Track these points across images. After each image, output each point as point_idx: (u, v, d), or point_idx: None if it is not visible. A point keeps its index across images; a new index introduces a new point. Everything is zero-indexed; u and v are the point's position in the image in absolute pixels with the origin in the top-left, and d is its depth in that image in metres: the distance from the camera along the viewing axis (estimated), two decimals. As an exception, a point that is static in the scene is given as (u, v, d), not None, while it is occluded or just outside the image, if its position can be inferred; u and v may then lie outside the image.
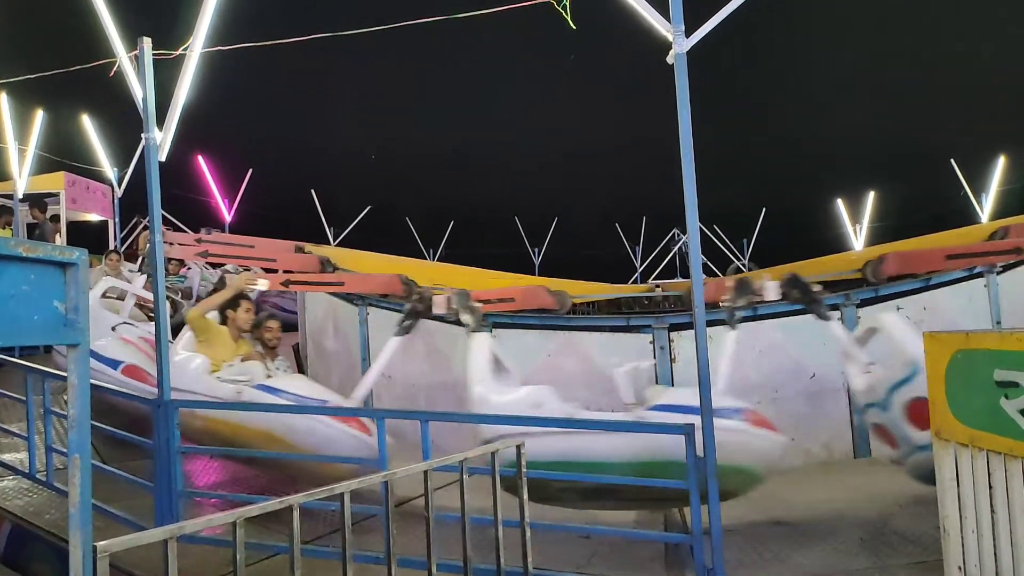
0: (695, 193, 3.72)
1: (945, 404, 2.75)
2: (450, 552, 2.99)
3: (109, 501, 4.69)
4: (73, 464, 2.03)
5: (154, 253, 4.66)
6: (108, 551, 1.79)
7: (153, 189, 4.63)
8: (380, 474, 2.80)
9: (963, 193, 21.96)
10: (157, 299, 4.66)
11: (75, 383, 2.05)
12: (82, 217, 15.29)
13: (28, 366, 5.60)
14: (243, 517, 2.13)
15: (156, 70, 4.71)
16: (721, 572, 3.46)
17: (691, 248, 3.79)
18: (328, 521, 4.89)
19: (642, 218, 26.75)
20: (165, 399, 4.53)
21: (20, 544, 4.97)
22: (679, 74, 3.73)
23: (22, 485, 5.63)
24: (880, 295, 6.91)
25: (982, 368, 2.57)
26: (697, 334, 3.67)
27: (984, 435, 2.57)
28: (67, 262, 1.98)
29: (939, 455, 2.80)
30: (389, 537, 2.63)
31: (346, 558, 2.44)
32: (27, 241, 2.19)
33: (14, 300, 1.85)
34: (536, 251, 26.71)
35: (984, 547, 2.58)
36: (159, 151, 4.73)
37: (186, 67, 4.87)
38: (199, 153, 21.04)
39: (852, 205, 25.95)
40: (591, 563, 4.31)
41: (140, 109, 4.73)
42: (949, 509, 2.73)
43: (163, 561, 1.94)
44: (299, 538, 2.26)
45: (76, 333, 2.00)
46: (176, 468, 4.50)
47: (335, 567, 2.73)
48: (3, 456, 5.90)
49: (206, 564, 4.20)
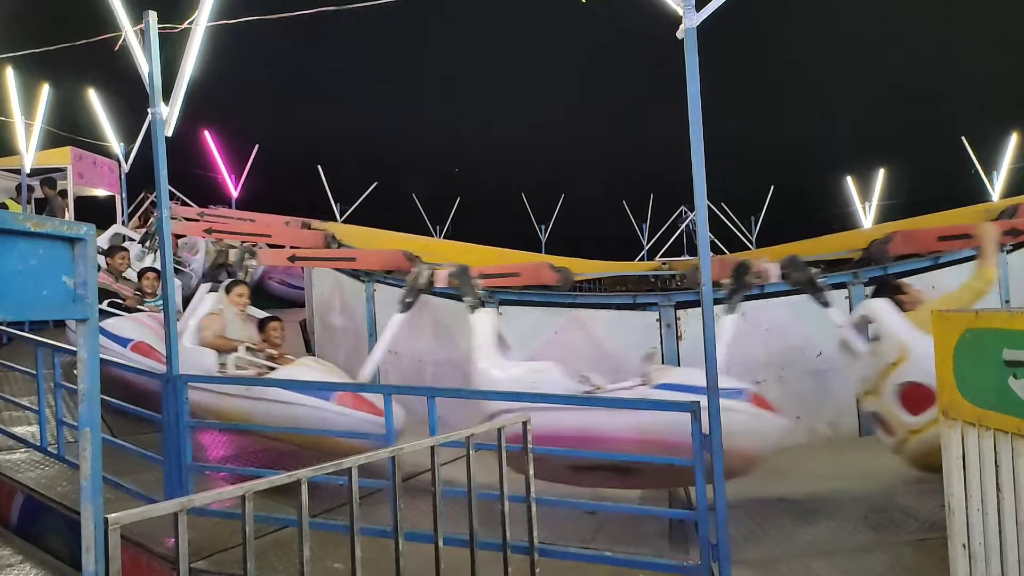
0: (704, 170, 3.68)
1: (953, 383, 2.75)
2: (456, 527, 3.02)
3: (120, 474, 4.76)
4: (84, 437, 2.05)
5: (161, 229, 4.66)
6: (119, 523, 1.81)
7: (160, 164, 4.61)
8: (387, 449, 2.82)
9: (974, 171, 21.74)
10: (165, 275, 4.67)
11: (85, 358, 2.06)
12: (89, 192, 15.30)
13: (38, 340, 5.65)
14: (252, 490, 2.16)
15: (162, 44, 4.68)
16: (725, 548, 3.48)
17: (699, 226, 3.76)
18: (336, 495, 4.94)
19: (649, 195, 26.60)
20: (174, 373, 4.56)
21: (33, 515, 5.04)
22: (688, 49, 3.68)
23: (34, 457, 5.70)
24: (889, 274, 6.88)
25: (991, 347, 2.56)
26: (704, 312, 3.66)
27: (992, 415, 2.56)
28: (75, 237, 1.98)
29: (946, 434, 2.80)
30: (396, 511, 2.65)
31: (354, 531, 2.47)
32: (35, 216, 2.20)
33: (23, 275, 1.86)
34: (542, 228, 26.63)
35: (989, 525, 2.59)
36: (165, 126, 4.71)
37: (192, 41, 4.84)
38: (205, 128, 20.97)
39: (862, 183, 25.72)
40: (596, 538, 4.35)
41: (146, 84, 4.70)
42: (955, 488, 2.74)
43: (174, 533, 1.97)
44: (307, 511, 2.28)
45: (85, 308, 2.01)
46: (185, 442, 4.55)
47: (343, 540, 2.76)
48: (15, 429, 5.97)
49: (216, 536, 4.26)
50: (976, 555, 2.64)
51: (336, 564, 3.84)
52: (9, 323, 6.48)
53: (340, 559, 3.85)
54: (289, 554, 3.99)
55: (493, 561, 3.06)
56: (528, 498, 3.21)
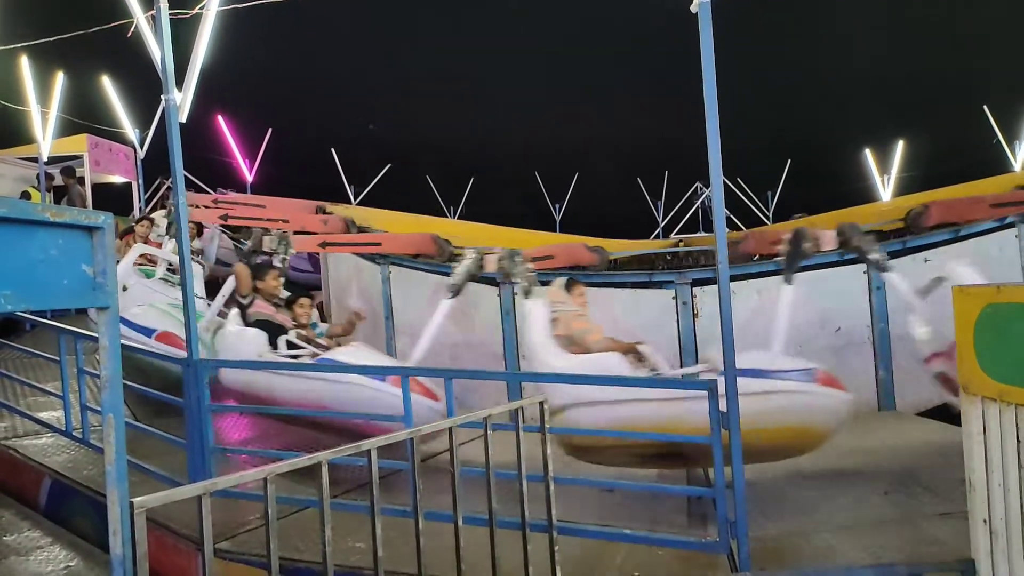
0: (719, 145, 3.64)
1: (974, 358, 2.72)
2: (475, 506, 3.05)
3: (147, 457, 4.83)
4: (107, 423, 2.08)
5: (178, 214, 4.69)
6: (145, 506, 1.84)
7: (174, 150, 4.63)
8: (406, 431, 2.85)
9: (995, 141, 21.34)
10: (183, 260, 4.70)
11: (106, 345, 2.09)
12: (106, 179, 15.42)
13: (60, 327, 5.73)
14: (274, 473, 2.18)
15: (174, 30, 4.68)
16: (743, 524, 3.49)
17: (714, 202, 3.72)
18: (357, 476, 4.98)
19: (664, 172, 26.37)
20: (194, 358, 4.61)
21: (60, 498, 5.15)
22: (703, 23, 3.62)
23: (60, 442, 5.81)
24: (908, 247, 6.81)
25: (1012, 322, 2.53)
26: (721, 289, 3.64)
27: (1014, 389, 2.54)
28: (93, 226, 2.00)
29: (966, 410, 2.77)
30: (416, 491, 2.68)
31: (374, 512, 2.50)
32: (54, 206, 2.22)
33: (43, 265, 1.88)
34: (557, 207, 26.52)
35: (1011, 501, 2.58)
36: (179, 112, 4.72)
37: (203, 26, 4.83)
38: (219, 114, 21.01)
39: (880, 155, 25.32)
40: (614, 516, 4.37)
41: (159, 70, 4.71)
42: (976, 463, 2.72)
43: (198, 515, 2.00)
44: (328, 493, 2.31)
45: (105, 296, 2.03)
46: (207, 425, 4.60)
47: (364, 520, 2.80)
48: (41, 414, 6.08)
49: (240, 516, 4.33)
50: (997, 531, 2.63)
51: (358, 543, 3.90)
52: (32, 311, 6.57)
53: (361, 539, 3.90)
54: (311, 534, 4.05)
55: (512, 539, 3.09)
56: (546, 477, 3.23)
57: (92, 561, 4.36)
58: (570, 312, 5.32)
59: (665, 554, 3.84)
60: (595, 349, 5.10)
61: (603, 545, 3.88)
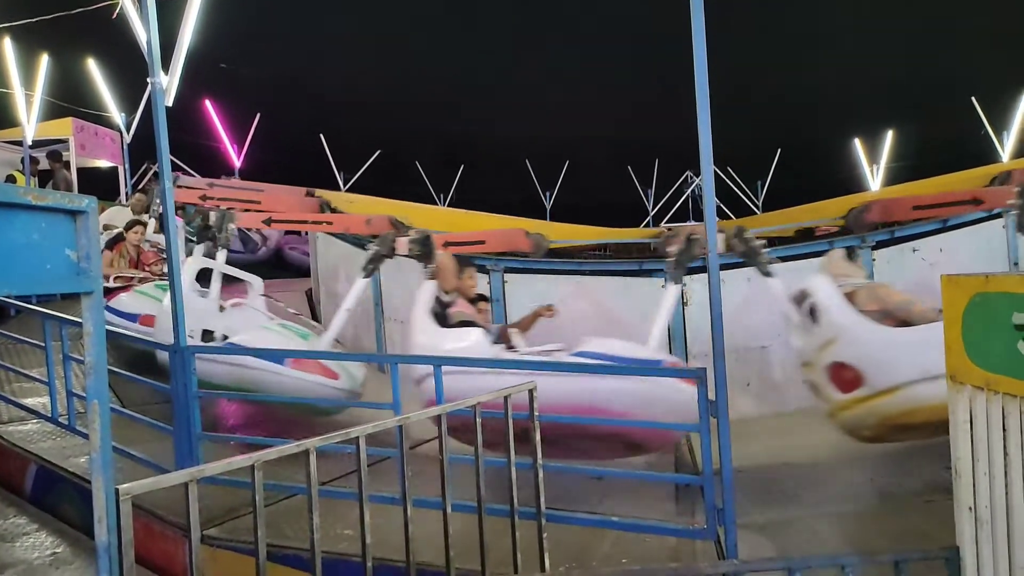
0: (710, 134, 3.63)
1: (961, 347, 2.73)
2: (464, 493, 3.05)
3: (132, 443, 4.80)
4: (92, 409, 2.06)
5: (164, 200, 4.64)
6: (130, 493, 1.82)
7: (161, 134, 4.57)
8: (395, 418, 2.84)
9: (984, 132, 21.45)
10: (169, 245, 4.65)
11: (91, 331, 2.06)
12: (92, 164, 15.24)
13: (45, 312, 5.67)
14: (261, 460, 2.17)
15: (160, 12, 4.60)
16: (731, 512, 3.50)
17: (705, 191, 3.73)
18: (344, 463, 4.97)
19: (654, 160, 26.37)
20: (181, 345, 4.58)
21: (46, 485, 5.11)
22: (695, 11, 3.60)
23: (45, 428, 5.77)
24: (896, 237, 6.82)
25: (1001, 311, 2.54)
26: (711, 278, 3.64)
27: (1001, 378, 2.55)
28: (77, 210, 1.97)
29: (953, 398, 2.78)
30: (404, 479, 2.67)
31: (362, 499, 2.49)
32: (36, 190, 2.18)
33: (26, 249, 1.85)
34: (547, 195, 26.49)
35: (996, 489, 2.59)
36: (165, 95, 4.66)
37: (189, 8, 4.76)
38: (207, 98, 20.80)
39: (870, 145, 25.41)
40: (603, 503, 4.38)
41: (144, 52, 4.64)
42: (962, 451, 2.73)
43: (185, 502, 1.99)
44: (316, 480, 2.30)
45: (89, 281, 2.00)
46: (194, 412, 4.58)
47: (352, 507, 2.79)
48: (26, 400, 6.02)
49: (227, 503, 4.31)
50: (982, 518, 2.65)
51: (346, 530, 3.89)
52: (16, 296, 6.49)
53: (350, 526, 3.90)
54: (300, 521, 4.04)
55: (501, 526, 3.09)
56: (535, 464, 3.24)
57: (78, 547, 4.34)
58: (874, 284, 4.94)
59: (653, 541, 3.85)
60: (919, 322, 4.42)
61: (591, 532, 3.89)
